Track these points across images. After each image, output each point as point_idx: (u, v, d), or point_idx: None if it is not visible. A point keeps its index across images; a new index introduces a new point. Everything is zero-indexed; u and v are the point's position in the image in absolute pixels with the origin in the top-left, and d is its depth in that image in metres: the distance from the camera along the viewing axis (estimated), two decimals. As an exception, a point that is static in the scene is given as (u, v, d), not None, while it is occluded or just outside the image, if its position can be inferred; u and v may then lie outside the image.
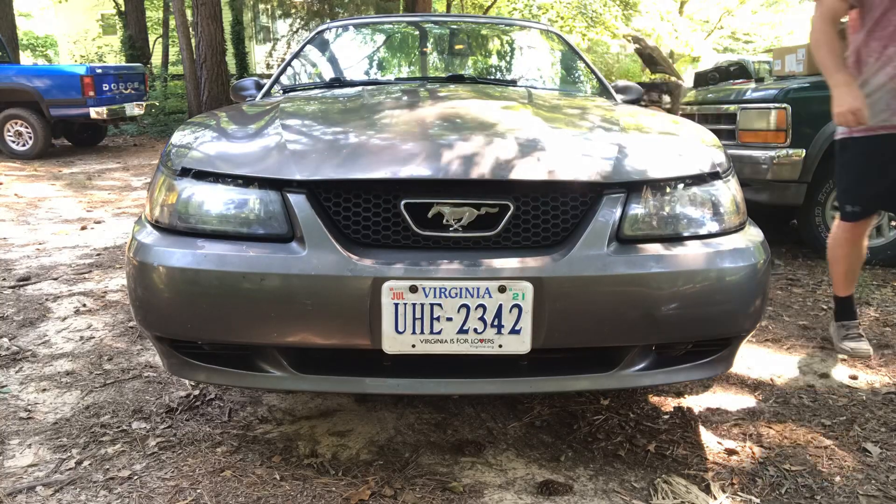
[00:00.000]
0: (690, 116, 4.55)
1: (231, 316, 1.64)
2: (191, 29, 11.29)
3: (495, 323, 1.59)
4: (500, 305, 1.58)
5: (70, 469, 1.88)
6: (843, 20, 2.53)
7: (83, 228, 4.89)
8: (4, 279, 3.64)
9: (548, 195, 1.68)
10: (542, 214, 1.67)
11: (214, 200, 1.71)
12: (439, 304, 1.57)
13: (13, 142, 8.63)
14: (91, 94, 8.52)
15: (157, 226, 1.77)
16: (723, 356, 1.83)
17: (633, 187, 1.71)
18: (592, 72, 3.23)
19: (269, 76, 3.50)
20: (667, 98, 7.93)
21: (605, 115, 2.31)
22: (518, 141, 1.81)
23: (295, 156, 1.86)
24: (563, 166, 1.87)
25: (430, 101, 2.44)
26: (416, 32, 3.67)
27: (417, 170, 1.65)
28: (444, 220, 1.64)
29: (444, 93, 2.62)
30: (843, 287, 2.73)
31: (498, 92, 2.67)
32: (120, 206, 5.74)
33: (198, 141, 1.94)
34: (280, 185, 1.68)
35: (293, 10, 15.03)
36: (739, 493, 1.78)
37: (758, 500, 1.76)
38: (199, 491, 1.77)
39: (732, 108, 4.12)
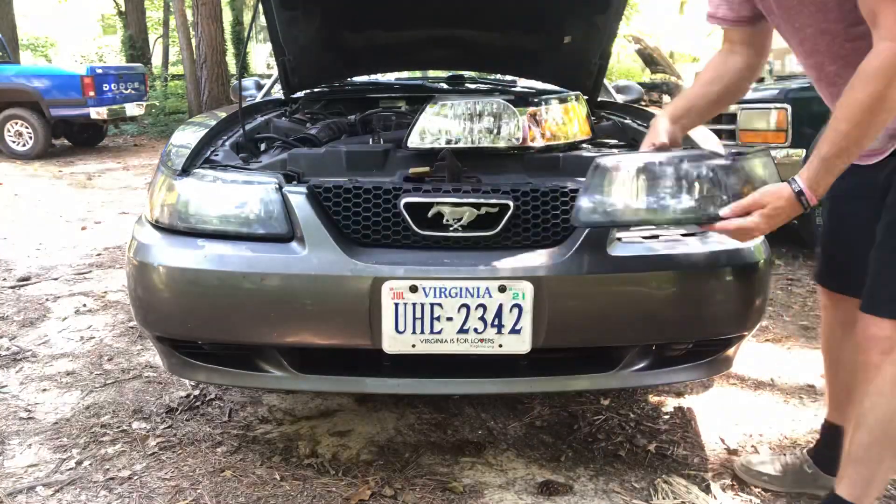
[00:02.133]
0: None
1: (231, 316, 1.64)
2: (191, 29, 11.28)
3: (495, 323, 1.59)
4: (501, 305, 1.58)
5: (70, 469, 1.88)
6: None
7: (83, 228, 4.89)
8: (4, 279, 3.64)
9: (548, 194, 1.68)
10: (542, 214, 1.67)
11: (214, 200, 1.71)
12: (439, 304, 1.57)
13: (13, 142, 8.62)
14: (91, 94, 8.51)
15: (157, 226, 1.77)
16: (723, 356, 1.83)
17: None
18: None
19: (269, 76, 3.49)
20: (667, 98, 7.93)
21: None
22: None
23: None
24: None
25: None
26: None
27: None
28: (444, 220, 1.64)
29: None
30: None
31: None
32: (120, 207, 5.74)
33: (198, 141, 1.94)
34: (280, 185, 1.68)
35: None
36: (739, 494, 1.78)
37: (758, 501, 1.76)
38: (199, 491, 1.77)
39: (733, 107, 4.12)
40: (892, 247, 1.35)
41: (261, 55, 21.58)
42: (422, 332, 1.59)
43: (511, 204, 1.63)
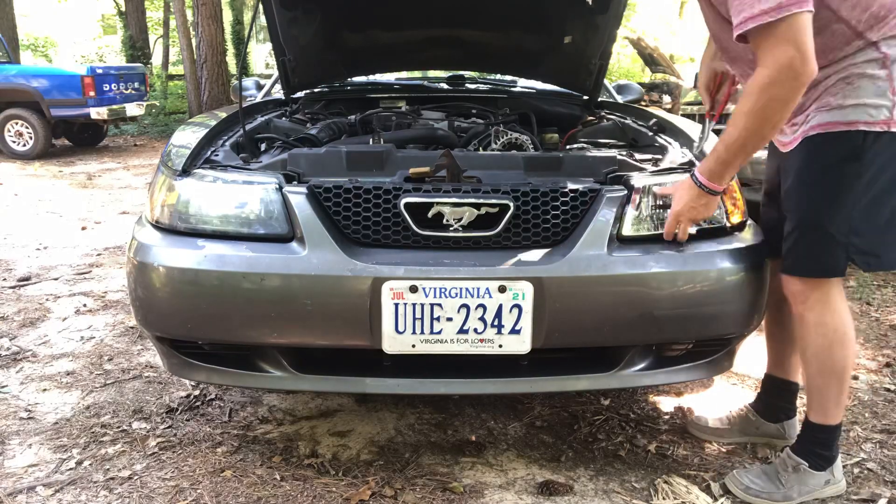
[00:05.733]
0: (691, 116, 4.55)
1: (231, 316, 1.64)
2: (191, 29, 11.27)
3: (495, 323, 1.59)
4: (500, 305, 1.58)
5: (70, 469, 1.88)
6: None
7: (83, 228, 4.89)
8: (5, 279, 3.64)
9: (548, 194, 1.68)
10: (542, 214, 1.67)
11: (215, 200, 1.71)
12: (439, 304, 1.57)
13: (13, 142, 8.61)
14: (92, 94, 8.50)
15: (157, 226, 1.78)
16: (723, 356, 1.83)
17: (633, 187, 1.71)
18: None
19: (269, 76, 3.49)
20: (667, 98, 7.91)
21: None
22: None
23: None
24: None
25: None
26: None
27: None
28: (444, 220, 1.64)
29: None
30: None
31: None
32: (120, 206, 5.74)
33: (198, 141, 1.94)
34: (280, 185, 1.68)
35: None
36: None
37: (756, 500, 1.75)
38: (199, 491, 1.77)
39: (733, 108, 4.10)
40: (787, 219, 1.66)
41: (261, 55, 21.59)
42: (422, 332, 1.59)
43: (511, 204, 1.63)
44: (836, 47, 1.53)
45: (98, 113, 8.56)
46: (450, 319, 1.59)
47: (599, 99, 2.85)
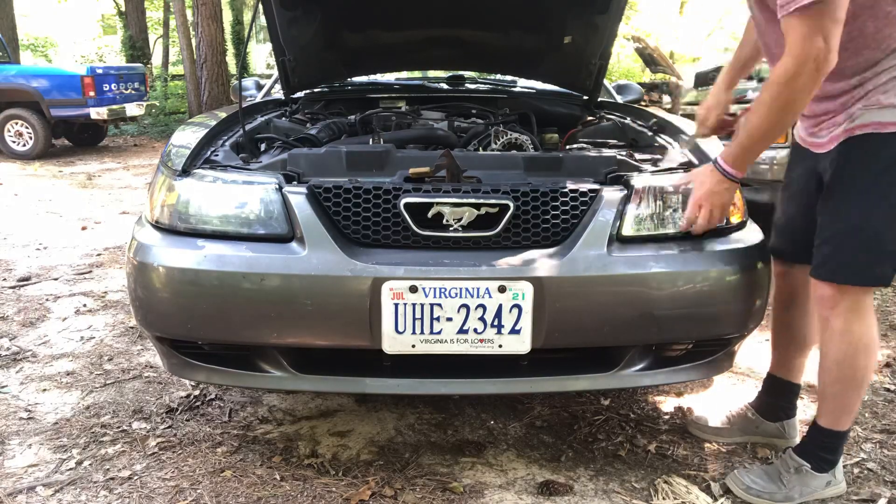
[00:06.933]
0: (691, 117, 4.54)
1: (231, 316, 1.64)
2: (191, 29, 11.27)
3: (495, 323, 1.59)
4: (500, 305, 1.58)
5: (70, 469, 1.88)
6: None
7: (83, 228, 4.89)
8: (5, 279, 3.63)
9: (548, 194, 1.68)
10: (541, 214, 1.67)
11: (214, 200, 1.71)
12: (439, 304, 1.57)
13: (13, 142, 8.61)
14: (91, 94, 8.51)
15: (157, 226, 1.78)
16: (723, 356, 1.83)
17: (633, 187, 1.71)
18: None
19: (269, 76, 3.49)
20: (667, 98, 7.91)
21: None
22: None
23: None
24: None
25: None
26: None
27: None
28: (444, 220, 1.64)
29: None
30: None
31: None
32: (120, 206, 5.74)
33: (198, 141, 1.94)
34: (280, 185, 1.68)
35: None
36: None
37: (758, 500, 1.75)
38: (199, 491, 1.77)
39: (734, 108, 4.10)
40: (826, 223, 1.61)
41: (261, 55, 21.57)
42: (422, 332, 1.59)
43: (511, 204, 1.63)
44: (892, 35, 1.46)
45: (98, 113, 8.57)
46: (450, 319, 1.59)
47: (599, 99, 2.85)
